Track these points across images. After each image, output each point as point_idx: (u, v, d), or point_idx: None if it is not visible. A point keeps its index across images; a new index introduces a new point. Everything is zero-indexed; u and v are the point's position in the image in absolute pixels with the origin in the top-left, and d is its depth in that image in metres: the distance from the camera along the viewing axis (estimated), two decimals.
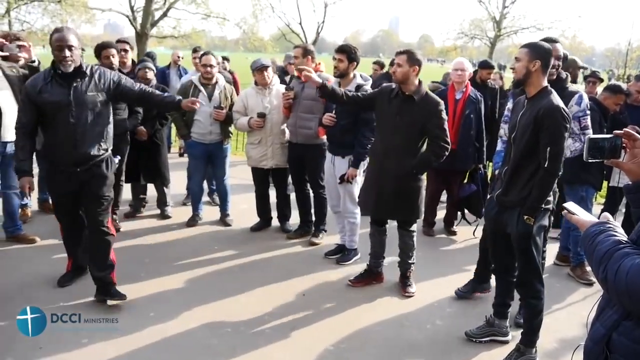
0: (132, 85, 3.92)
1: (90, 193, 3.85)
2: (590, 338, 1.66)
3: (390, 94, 4.15)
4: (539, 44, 3.27)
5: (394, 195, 4.15)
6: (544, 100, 3.16)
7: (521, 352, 3.42)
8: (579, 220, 1.70)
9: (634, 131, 1.77)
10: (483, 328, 3.73)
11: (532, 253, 3.30)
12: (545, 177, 3.18)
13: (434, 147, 4.10)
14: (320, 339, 3.66)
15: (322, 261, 5.00)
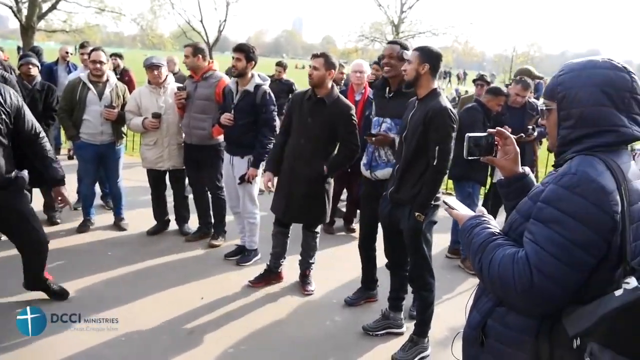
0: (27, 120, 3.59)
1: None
2: (468, 324, 1.76)
3: (303, 97, 4.18)
4: (429, 48, 3.42)
5: (304, 199, 4.19)
6: (433, 101, 3.31)
7: (414, 342, 3.56)
8: (457, 214, 1.79)
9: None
10: (379, 321, 3.85)
11: (422, 248, 3.45)
12: (434, 175, 3.33)
13: (345, 150, 4.17)
14: (219, 342, 3.61)
15: (221, 263, 4.93)
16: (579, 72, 1.59)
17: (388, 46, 3.85)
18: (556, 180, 1.50)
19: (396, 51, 3.74)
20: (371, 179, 3.96)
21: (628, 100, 1.54)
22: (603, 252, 1.45)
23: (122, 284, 4.36)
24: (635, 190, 1.52)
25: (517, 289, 1.47)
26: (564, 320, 1.45)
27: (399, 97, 3.77)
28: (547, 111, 1.67)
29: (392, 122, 3.82)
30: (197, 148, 5.08)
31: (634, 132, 1.53)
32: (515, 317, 1.59)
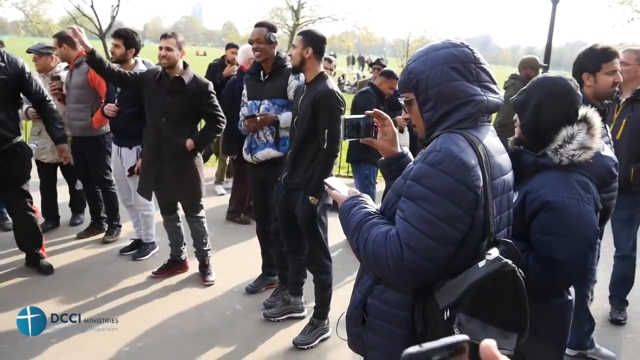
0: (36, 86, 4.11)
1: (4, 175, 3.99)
2: (350, 304, 1.79)
3: (155, 77, 4.05)
4: (312, 31, 3.46)
5: (173, 177, 4.10)
6: (320, 85, 3.35)
7: (314, 325, 3.60)
8: (336, 195, 1.80)
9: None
10: (280, 307, 3.86)
11: (318, 231, 3.49)
12: (325, 158, 3.37)
13: (212, 123, 4.14)
14: (114, 340, 3.47)
15: (117, 259, 4.74)
16: (424, 57, 1.65)
17: (255, 29, 3.82)
18: (422, 158, 1.55)
19: (263, 34, 3.75)
20: (254, 164, 3.96)
21: (475, 71, 1.62)
22: (468, 226, 1.51)
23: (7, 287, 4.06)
24: (497, 164, 1.61)
25: (390, 266, 1.51)
26: (435, 293, 1.51)
27: (275, 77, 3.82)
28: (407, 104, 1.71)
29: (270, 103, 3.83)
30: (80, 140, 4.85)
31: (490, 98, 1.61)
32: (392, 294, 1.63)
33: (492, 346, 0.58)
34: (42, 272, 4.28)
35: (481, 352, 0.59)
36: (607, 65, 2.95)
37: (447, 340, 0.60)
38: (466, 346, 0.60)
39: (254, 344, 3.56)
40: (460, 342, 0.60)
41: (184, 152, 4.06)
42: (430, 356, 0.59)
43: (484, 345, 0.58)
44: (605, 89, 2.98)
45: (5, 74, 3.86)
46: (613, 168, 2.24)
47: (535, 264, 1.94)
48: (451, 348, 0.60)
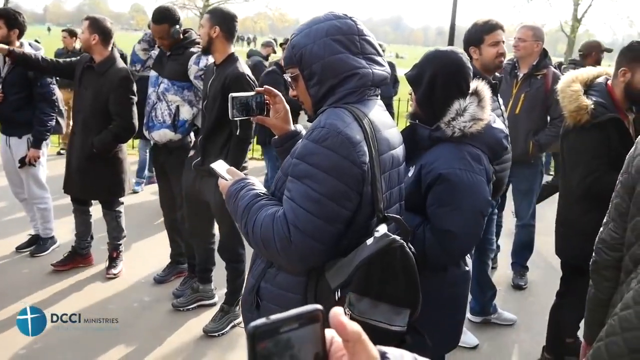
0: None
1: None
2: (245, 289, 1.74)
3: (84, 63, 3.83)
4: (220, 9, 3.32)
5: (78, 175, 3.89)
6: (230, 67, 3.20)
7: (225, 311, 3.53)
8: (220, 182, 1.73)
9: None
10: (189, 296, 3.74)
11: (231, 220, 3.36)
12: (238, 144, 3.24)
13: (113, 125, 3.82)
14: (9, 343, 3.23)
15: (12, 256, 4.42)
16: (307, 30, 1.60)
17: (154, 27, 3.65)
18: (307, 135, 1.50)
19: (166, 31, 3.60)
20: (156, 147, 3.82)
21: (359, 43, 1.58)
22: (356, 203, 1.49)
23: None
24: (384, 139, 1.59)
25: (278, 248, 1.46)
26: (326, 274, 1.48)
27: (177, 57, 3.66)
28: (293, 80, 1.65)
29: (170, 83, 3.66)
30: None
31: (375, 71, 1.58)
32: (285, 277, 1.59)
33: (339, 314, 0.56)
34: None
35: (330, 320, 0.56)
36: (490, 37, 3.06)
37: (297, 310, 0.56)
38: (320, 315, 0.57)
39: (163, 335, 3.44)
40: (312, 311, 0.57)
41: (90, 152, 3.80)
42: (279, 327, 0.55)
43: (332, 313, 0.56)
44: (490, 60, 3.08)
45: None
46: (504, 140, 2.30)
47: (431, 237, 1.96)
48: (302, 318, 0.56)
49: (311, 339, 0.57)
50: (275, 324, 0.54)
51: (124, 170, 4.05)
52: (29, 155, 4.13)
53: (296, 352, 0.55)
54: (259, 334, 0.53)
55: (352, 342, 0.56)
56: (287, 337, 0.55)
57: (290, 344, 0.55)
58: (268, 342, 0.54)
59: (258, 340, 0.53)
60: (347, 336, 0.56)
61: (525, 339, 3.60)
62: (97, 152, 3.81)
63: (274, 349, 0.54)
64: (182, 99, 3.64)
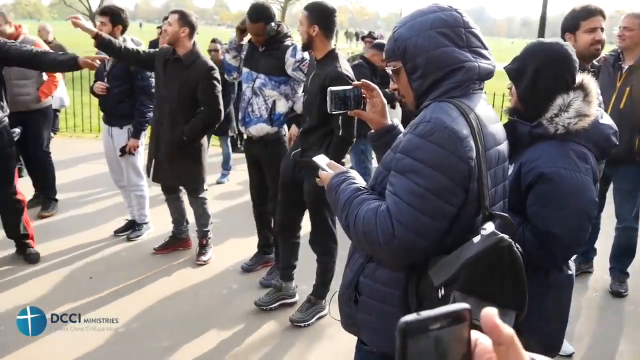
0: (21, 47, 3.84)
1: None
2: (342, 283, 1.74)
3: (165, 56, 3.96)
4: (318, 6, 3.25)
5: (168, 162, 4.04)
6: (330, 66, 3.18)
7: (312, 303, 3.56)
8: (321, 173, 1.73)
9: None
10: (271, 294, 3.74)
11: (324, 213, 3.41)
12: (340, 144, 3.24)
13: (203, 113, 3.98)
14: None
15: (110, 239, 4.69)
16: (411, 22, 1.57)
17: (251, 25, 3.65)
18: (412, 130, 1.48)
19: (262, 29, 3.62)
20: (250, 140, 3.88)
21: (465, 36, 1.54)
22: (461, 200, 1.45)
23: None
24: (490, 134, 1.54)
25: (381, 243, 1.45)
26: (429, 271, 1.45)
27: (272, 52, 3.68)
28: (394, 73, 1.62)
29: (267, 78, 3.70)
30: (23, 115, 4.80)
31: (481, 64, 1.53)
32: (385, 272, 1.58)
33: (494, 314, 0.53)
34: (29, 261, 4.16)
35: (482, 321, 0.54)
36: (586, 23, 2.88)
37: (446, 308, 0.55)
38: (467, 315, 0.55)
39: (250, 322, 3.53)
40: (460, 310, 0.55)
41: (179, 141, 3.95)
42: (428, 324, 0.54)
43: (485, 313, 0.53)
44: (585, 48, 2.90)
45: None
46: (612, 136, 2.17)
47: (532, 238, 1.88)
48: (450, 317, 0.55)
49: (458, 339, 0.55)
50: (425, 321, 0.53)
51: (206, 158, 4.22)
52: (129, 145, 4.37)
53: (444, 352, 0.54)
54: (410, 330, 0.53)
55: (505, 346, 0.54)
56: (435, 335, 0.54)
57: (438, 343, 0.54)
58: (417, 338, 0.53)
59: (409, 336, 0.53)
60: (500, 339, 0.54)
61: (624, 352, 3.39)
62: (187, 140, 3.96)
63: (424, 346, 0.53)
64: (279, 94, 3.68)
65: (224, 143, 6.53)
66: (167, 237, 4.51)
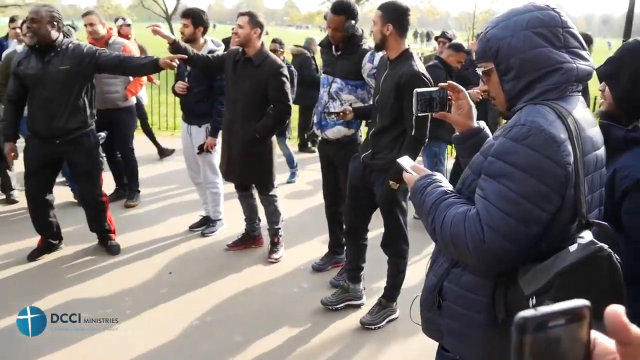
0: (110, 54, 4.03)
1: (74, 167, 4.18)
2: (425, 288, 1.71)
3: (234, 57, 4.06)
4: (392, 5, 3.22)
5: (241, 160, 4.12)
6: (405, 65, 3.14)
7: (382, 306, 3.53)
8: (406, 175, 1.71)
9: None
10: (338, 295, 3.74)
11: (397, 215, 3.39)
12: (412, 144, 3.19)
13: (274, 111, 4.06)
14: (184, 314, 3.55)
15: (186, 234, 4.84)
16: (505, 22, 1.51)
17: (334, 17, 3.64)
18: (505, 133, 1.43)
19: (342, 24, 3.60)
20: (325, 141, 3.89)
21: (563, 36, 1.47)
22: (556, 206, 1.39)
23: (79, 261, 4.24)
24: (588, 139, 1.47)
25: (469, 248, 1.42)
26: (519, 279, 1.40)
27: (348, 55, 3.67)
28: (485, 75, 1.58)
29: (343, 83, 3.70)
30: (110, 112, 5.06)
31: (579, 66, 1.47)
32: (471, 278, 1.54)
33: (620, 312, 0.50)
34: (110, 253, 4.37)
35: (608, 319, 0.50)
36: None
37: (565, 304, 0.52)
38: (587, 312, 0.52)
39: (320, 322, 3.55)
40: (580, 307, 0.52)
41: (251, 137, 4.04)
42: (547, 321, 0.51)
43: (611, 311, 0.50)
44: None
45: (67, 63, 3.85)
46: None
47: (626, 248, 1.78)
48: (569, 314, 0.52)
49: (577, 337, 0.52)
50: (544, 317, 0.51)
51: (275, 156, 4.30)
52: (206, 143, 4.50)
53: (563, 350, 0.52)
54: (528, 326, 0.51)
55: (633, 347, 0.50)
56: (555, 332, 0.51)
57: (556, 341, 0.51)
58: (535, 335, 0.51)
59: (526, 333, 0.51)
60: (629, 339, 0.50)
61: None
62: (259, 137, 4.05)
63: (542, 343, 0.51)
64: (355, 97, 3.68)
65: (283, 144, 6.60)
66: (240, 234, 4.60)
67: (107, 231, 4.42)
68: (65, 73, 3.84)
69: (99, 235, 4.46)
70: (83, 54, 3.91)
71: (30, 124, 4.05)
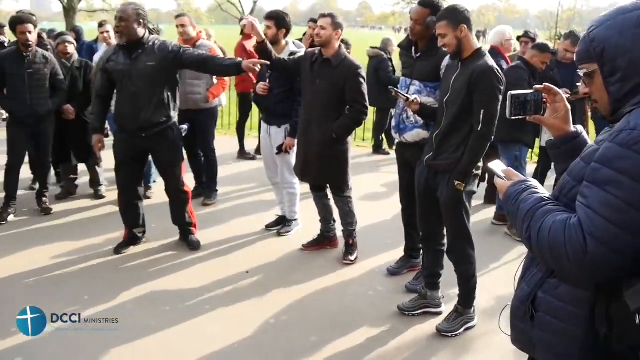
0: (193, 52, 4.19)
1: (159, 159, 4.35)
2: (517, 297, 1.65)
3: (311, 58, 4.09)
4: (454, 8, 3.18)
5: (317, 160, 4.15)
6: (478, 61, 3.10)
7: (459, 313, 3.45)
8: (497, 181, 1.66)
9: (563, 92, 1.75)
10: (415, 301, 3.68)
11: (462, 218, 3.29)
12: (478, 141, 3.13)
13: (351, 111, 4.07)
14: (261, 312, 3.61)
15: (262, 232, 4.94)
16: (611, 21, 1.43)
17: (418, 8, 3.59)
18: (612, 138, 1.35)
19: (424, 16, 3.53)
20: (403, 143, 3.84)
21: None
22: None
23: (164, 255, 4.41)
24: None
25: (569, 258, 1.35)
26: (625, 293, 1.32)
27: (427, 57, 3.60)
28: (587, 77, 1.50)
29: (422, 85, 3.64)
30: (192, 112, 5.23)
31: None
32: (569, 289, 1.47)
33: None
34: (191, 248, 4.51)
35: None
36: None
37: None
38: None
39: (396, 326, 3.51)
40: None
41: (329, 138, 4.07)
42: None
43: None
44: None
45: (153, 59, 4.01)
46: None
47: None
48: None
49: None
50: None
51: (350, 158, 4.31)
52: (285, 144, 4.56)
53: None
54: None
55: None
56: None
57: None
58: None
59: None
60: None
61: None
62: (337, 137, 4.08)
63: None
64: (435, 100, 3.62)
65: None
66: (315, 235, 4.63)
67: (189, 224, 4.57)
68: (151, 69, 4.00)
69: (181, 229, 4.61)
70: (168, 51, 4.06)
71: (117, 118, 4.26)
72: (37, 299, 3.63)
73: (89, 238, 4.70)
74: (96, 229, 4.92)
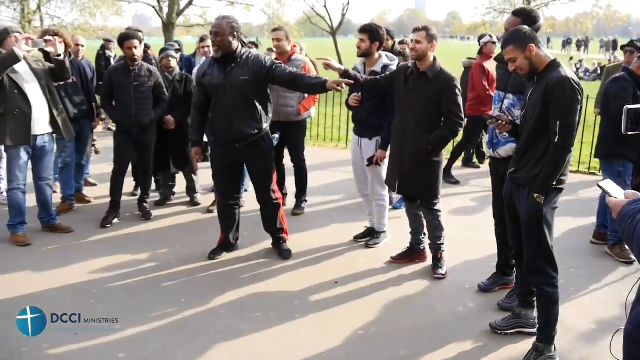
0: (284, 69, 4.26)
1: (251, 169, 4.53)
2: (631, 322, 1.57)
3: (406, 72, 4.11)
4: (519, 31, 3.10)
5: (413, 173, 4.15)
6: (553, 73, 3.02)
7: (540, 351, 3.17)
8: (610, 200, 1.59)
9: None
10: (509, 320, 3.55)
11: (543, 236, 3.13)
12: (556, 153, 3.01)
13: (447, 123, 4.06)
14: (350, 323, 3.63)
15: (350, 244, 4.98)
16: None
17: (510, 19, 3.51)
18: None
19: (514, 26, 3.36)
20: (496, 158, 3.75)
21: None
22: None
23: (256, 262, 4.54)
24: None
25: None
26: None
27: None
28: None
29: (515, 98, 3.54)
30: (283, 124, 5.37)
31: None
32: None
33: None
34: (281, 256, 4.62)
35: None
36: None
37: None
38: None
39: (489, 344, 3.41)
40: None
41: (426, 149, 4.07)
42: None
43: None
44: None
45: (247, 74, 4.14)
46: None
47: None
48: None
49: None
50: None
51: (441, 171, 4.29)
52: (376, 156, 4.58)
53: None
54: None
55: None
56: None
57: None
58: None
59: None
60: None
61: None
62: (433, 149, 4.08)
63: None
64: None
65: None
66: (404, 248, 4.60)
67: (281, 230, 4.70)
68: (244, 83, 4.15)
69: (273, 236, 4.74)
70: (261, 66, 4.20)
71: (212, 129, 4.43)
72: (137, 299, 3.87)
73: (185, 243, 4.94)
74: (192, 235, 5.16)
